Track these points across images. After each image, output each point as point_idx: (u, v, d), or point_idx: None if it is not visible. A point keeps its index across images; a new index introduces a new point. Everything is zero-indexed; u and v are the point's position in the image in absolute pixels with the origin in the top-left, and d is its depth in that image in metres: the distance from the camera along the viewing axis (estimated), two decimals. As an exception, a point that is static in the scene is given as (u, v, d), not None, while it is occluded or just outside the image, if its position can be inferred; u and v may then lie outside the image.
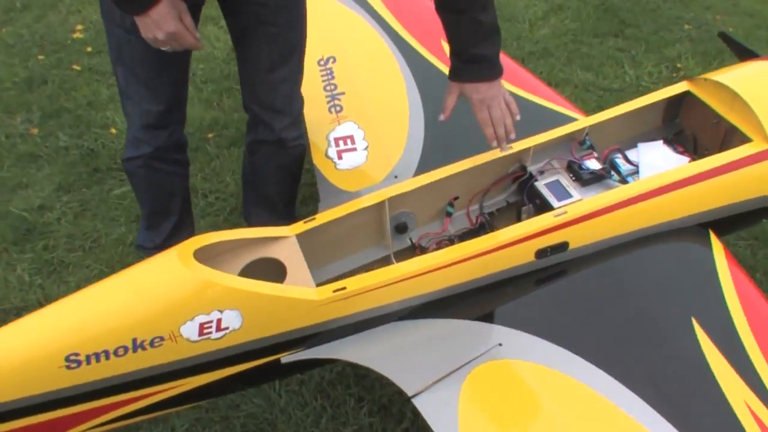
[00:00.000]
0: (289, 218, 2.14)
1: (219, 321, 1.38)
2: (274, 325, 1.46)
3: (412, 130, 1.96)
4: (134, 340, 1.36)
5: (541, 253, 1.60)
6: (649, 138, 1.83)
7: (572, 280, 1.61)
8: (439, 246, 1.65)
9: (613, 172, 1.73)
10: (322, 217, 1.62)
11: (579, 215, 1.60)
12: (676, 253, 1.65)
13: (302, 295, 1.45)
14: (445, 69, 1.70)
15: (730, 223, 1.72)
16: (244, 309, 1.40)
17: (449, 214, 1.74)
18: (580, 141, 1.80)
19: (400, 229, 1.71)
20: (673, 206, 1.67)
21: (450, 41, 1.62)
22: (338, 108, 2.10)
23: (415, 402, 1.43)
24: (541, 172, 1.74)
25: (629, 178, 1.72)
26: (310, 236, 1.58)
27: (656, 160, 1.70)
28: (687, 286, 1.59)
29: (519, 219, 1.71)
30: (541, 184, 1.71)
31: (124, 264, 2.27)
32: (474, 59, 1.59)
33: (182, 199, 2.09)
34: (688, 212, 1.68)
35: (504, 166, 1.75)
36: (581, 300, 1.58)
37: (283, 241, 1.55)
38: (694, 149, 1.84)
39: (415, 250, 1.70)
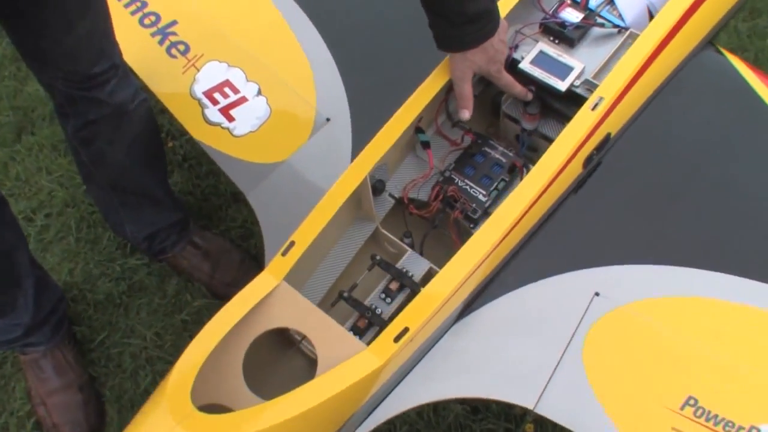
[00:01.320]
0: (177, 208, 1.71)
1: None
2: (338, 419, 1.07)
3: (312, 55, 1.48)
4: None
5: (588, 161, 1.29)
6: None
7: (628, 175, 1.31)
8: (440, 191, 1.27)
9: (597, 17, 1.38)
10: (302, 236, 1.16)
11: (616, 93, 1.26)
12: (712, 88, 1.39)
13: (361, 371, 1.05)
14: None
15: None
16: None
17: (426, 144, 1.32)
18: None
19: (377, 189, 1.30)
20: (691, 34, 1.38)
21: (433, 3, 1.21)
22: (181, 47, 1.51)
23: (541, 411, 1.10)
24: (515, 48, 1.35)
25: (613, 18, 1.38)
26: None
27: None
28: (739, 125, 1.35)
29: (508, 114, 1.36)
30: (526, 64, 1.32)
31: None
32: (473, 18, 1.20)
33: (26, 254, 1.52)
34: (702, 34, 1.41)
35: None
36: (648, 194, 1.29)
37: (274, 296, 1.11)
38: None
39: (408, 206, 1.29)
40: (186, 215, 1.74)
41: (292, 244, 1.15)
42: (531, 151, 1.37)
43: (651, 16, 1.40)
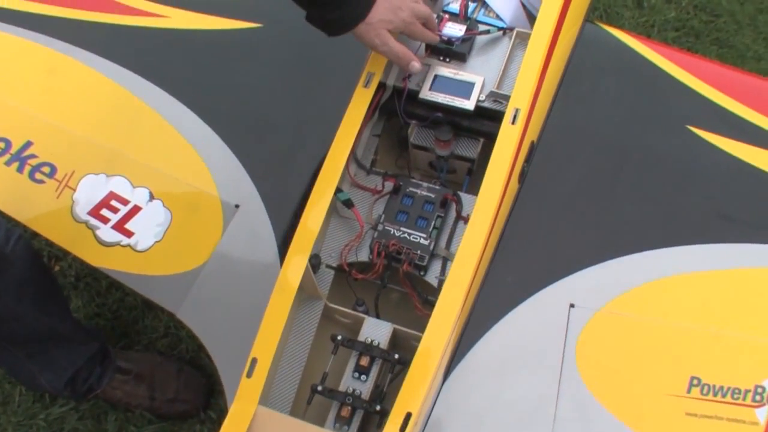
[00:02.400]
0: (90, 338, 1.56)
1: None
2: None
3: (194, 138, 1.37)
4: None
5: (522, 175, 1.27)
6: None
7: (559, 177, 1.29)
8: (380, 247, 1.21)
9: (478, 24, 1.36)
10: (262, 350, 1.08)
11: (530, 100, 1.24)
12: (606, 65, 1.39)
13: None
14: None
15: None
16: None
17: (348, 203, 1.25)
18: None
19: (315, 266, 1.22)
20: (575, 17, 1.39)
21: None
22: (46, 169, 1.37)
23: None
24: (408, 78, 1.30)
25: (493, 20, 1.36)
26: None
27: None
28: (642, 94, 1.36)
29: (417, 145, 1.32)
30: (426, 93, 1.29)
31: None
32: None
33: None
34: (583, 14, 1.42)
35: None
36: (585, 190, 1.28)
37: (255, 426, 1.02)
38: None
39: (350, 273, 1.22)
40: (102, 342, 1.58)
41: (255, 361, 1.05)
42: (449, 173, 1.33)
43: (525, 8, 1.38)
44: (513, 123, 1.22)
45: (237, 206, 1.31)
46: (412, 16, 1.23)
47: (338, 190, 1.25)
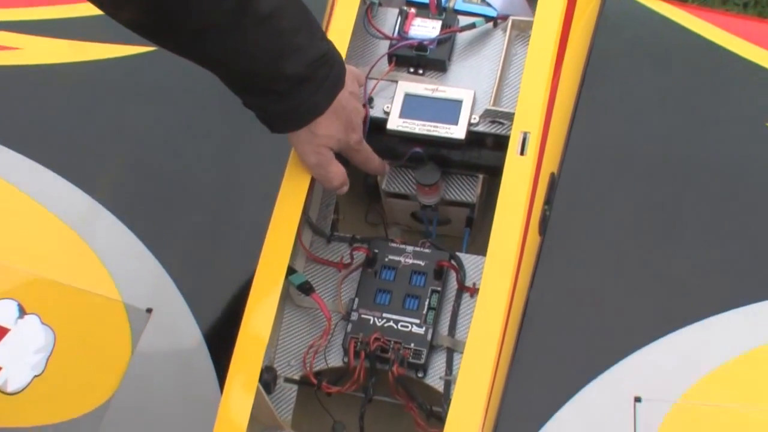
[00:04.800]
0: None
1: None
2: None
3: (77, 218, 1.40)
4: None
5: (544, 222, 1.30)
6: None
7: (593, 219, 1.33)
8: (357, 346, 1.23)
9: (459, 17, 1.39)
10: None
11: (542, 117, 1.26)
12: (639, 47, 1.44)
13: None
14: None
15: None
16: None
17: (306, 287, 1.26)
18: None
19: (269, 384, 1.23)
20: None
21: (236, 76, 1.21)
22: None
23: None
24: (368, 104, 1.33)
25: (477, 8, 1.39)
26: None
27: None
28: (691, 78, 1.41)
29: (393, 193, 1.37)
30: (396, 121, 1.31)
31: None
32: (302, 77, 1.20)
33: None
34: None
35: None
36: (628, 236, 1.31)
37: None
38: None
39: (320, 387, 1.23)
40: None
41: None
42: (442, 225, 1.36)
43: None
44: (522, 153, 1.23)
45: (149, 311, 1.32)
46: (362, 140, 1.28)
47: (290, 271, 1.24)
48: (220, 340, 1.25)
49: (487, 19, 1.36)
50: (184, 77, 1.42)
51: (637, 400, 1.17)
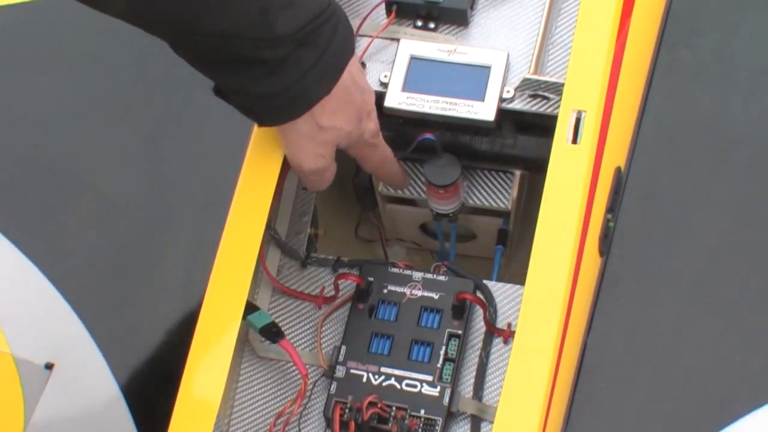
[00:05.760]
0: None
1: None
2: None
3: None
4: None
5: (605, 239, 1.27)
6: None
7: (678, 231, 1.33)
8: (343, 412, 1.16)
9: None
10: None
11: (603, 90, 1.21)
12: None
13: None
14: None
15: None
16: None
17: (271, 330, 1.19)
18: None
19: None
20: None
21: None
22: None
23: None
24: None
25: None
26: None
27: None
28: None
29: (392, 197, 1.35)
30: (397, 96, 1.24)
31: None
32: (303, 36, 1.12)
33: None
34: None
35: None
36: (723, 256, 1.31)
37: None
38: None
39: None
40: None
41: None
42: (463, 242, 1.34)
43: None
44: (575, 140, 1.17)
45: (49, 366, 1.33)
46: (379, 131, 1.22)
47: (250, 309, 1.18)
48: (149, 405, 1.26)
49: None
50: (91, 36, 1.42)
51: None
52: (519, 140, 1.24)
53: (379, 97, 1.24)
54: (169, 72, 1.24)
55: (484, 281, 1.19)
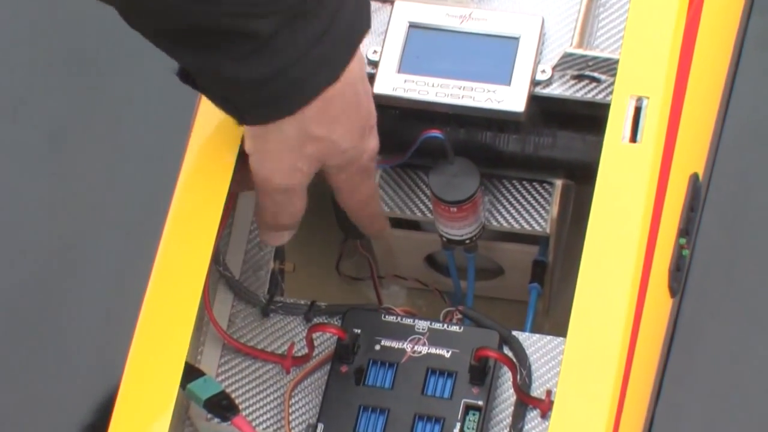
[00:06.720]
0: None
1: None
2: None
3: None
4: None
5: (677, 272, 1.20)
6: None
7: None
8: None
9: None
10: None
11: (671, 64, 1.14)
12: None
13: None
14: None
15: None
16: None
17: (219, 403, 1.11)
18: None
19: None
20: None
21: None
22: None
23: None
24: None
25: None
26: None
27: None
28: None
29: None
30: (392, 77, 1.19)
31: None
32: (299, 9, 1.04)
33: None
34: None
35: None
36: None
37: None
38: None
39: None
40: None
41: None
42: (486, 278, 1.30)
43: None
44: (634, 138, 1.10)
45: None
46: (376, 154, 1.16)
47: (190, 374, 1.09)
48: None
49: None
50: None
51: None
52: (559, 138, 1.17)
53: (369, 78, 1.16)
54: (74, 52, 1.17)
55: (514, 332, 1.12)
